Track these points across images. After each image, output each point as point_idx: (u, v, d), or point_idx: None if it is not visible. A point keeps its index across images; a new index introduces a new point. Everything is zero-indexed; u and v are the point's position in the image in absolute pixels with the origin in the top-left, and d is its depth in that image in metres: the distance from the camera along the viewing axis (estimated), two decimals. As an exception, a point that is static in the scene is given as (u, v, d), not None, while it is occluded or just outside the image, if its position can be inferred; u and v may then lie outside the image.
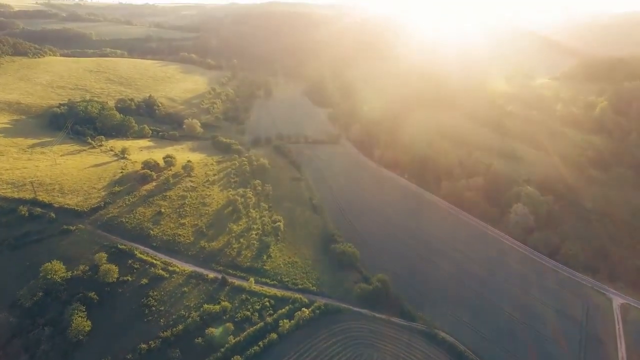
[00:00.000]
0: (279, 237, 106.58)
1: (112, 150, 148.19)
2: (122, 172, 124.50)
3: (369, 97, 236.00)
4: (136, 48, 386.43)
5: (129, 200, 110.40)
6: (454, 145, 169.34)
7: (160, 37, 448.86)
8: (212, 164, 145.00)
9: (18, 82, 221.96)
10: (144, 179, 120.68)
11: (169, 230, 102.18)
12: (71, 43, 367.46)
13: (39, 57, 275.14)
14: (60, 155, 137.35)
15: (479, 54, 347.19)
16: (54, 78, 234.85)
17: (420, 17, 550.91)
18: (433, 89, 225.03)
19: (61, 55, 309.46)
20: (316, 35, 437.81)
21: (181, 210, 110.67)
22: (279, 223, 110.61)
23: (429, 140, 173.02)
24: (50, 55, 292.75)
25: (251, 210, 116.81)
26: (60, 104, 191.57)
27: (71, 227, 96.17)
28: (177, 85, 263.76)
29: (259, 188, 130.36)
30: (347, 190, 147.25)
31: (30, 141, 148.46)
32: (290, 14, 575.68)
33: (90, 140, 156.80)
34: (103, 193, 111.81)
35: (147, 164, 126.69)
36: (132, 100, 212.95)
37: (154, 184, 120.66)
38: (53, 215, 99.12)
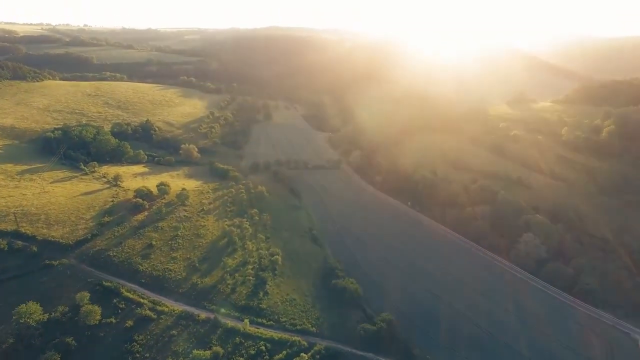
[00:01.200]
0: (276, 272, 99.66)
1: (104, 177, 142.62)
2: (112, 201, 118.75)
3: (369, 121, 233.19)
4: (136, 72, 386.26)
5: (118, 231, 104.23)
6: (457, 171, 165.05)
7: (161, 61, 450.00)
8: (208, 191, 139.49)
9: (15, 106, 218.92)
10: (136, 209, 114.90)
11: (159, 264, 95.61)
12: (72, 67, 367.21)
13: (38, 81, 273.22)
14: (50, 183, 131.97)
15: (478, 77, 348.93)
16: (51, 102, 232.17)
17: (419, 41, 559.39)
18: (434, 112, 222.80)
19: (61, 79, 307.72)
20: (316, 59, 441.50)
21: (173, 242, 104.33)
22: (276, 256, 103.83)
23: (432, 166, 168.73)
24: (49, 79, 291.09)
25: (247, 241, 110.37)
26: (54, 128, 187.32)
27: (54, 262, 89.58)
28: (176, 109, 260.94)
29: (256, 217, 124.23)
30: (348, 218, 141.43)
31: (20, 167, 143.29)
32: (290, 38, 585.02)
33: (83, 166, 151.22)
34: (91, 224, 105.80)
35: (139, 193, 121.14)
36: (128, 124, 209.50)
37: (145, 213, 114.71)
38: (35, 248, 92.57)
